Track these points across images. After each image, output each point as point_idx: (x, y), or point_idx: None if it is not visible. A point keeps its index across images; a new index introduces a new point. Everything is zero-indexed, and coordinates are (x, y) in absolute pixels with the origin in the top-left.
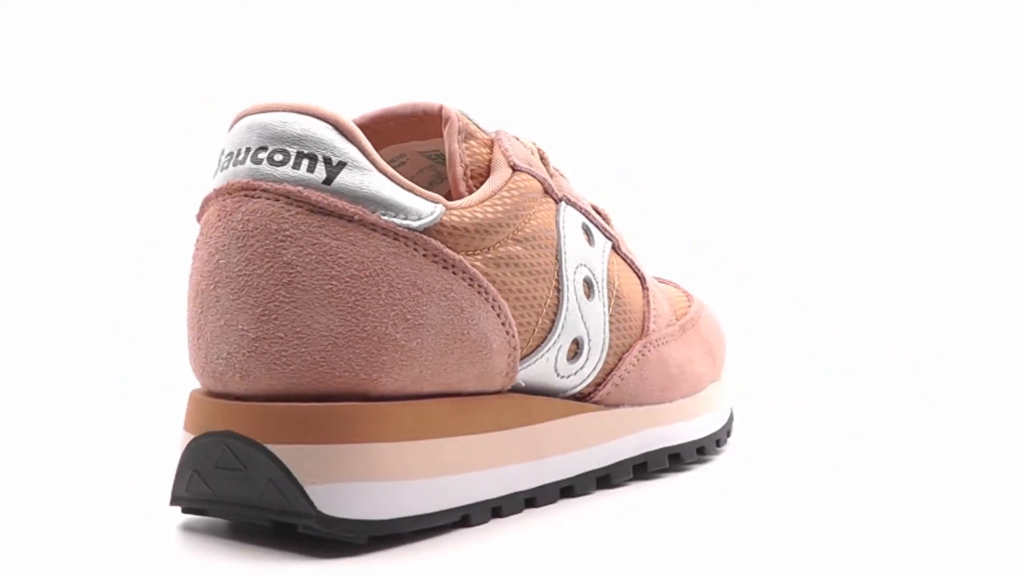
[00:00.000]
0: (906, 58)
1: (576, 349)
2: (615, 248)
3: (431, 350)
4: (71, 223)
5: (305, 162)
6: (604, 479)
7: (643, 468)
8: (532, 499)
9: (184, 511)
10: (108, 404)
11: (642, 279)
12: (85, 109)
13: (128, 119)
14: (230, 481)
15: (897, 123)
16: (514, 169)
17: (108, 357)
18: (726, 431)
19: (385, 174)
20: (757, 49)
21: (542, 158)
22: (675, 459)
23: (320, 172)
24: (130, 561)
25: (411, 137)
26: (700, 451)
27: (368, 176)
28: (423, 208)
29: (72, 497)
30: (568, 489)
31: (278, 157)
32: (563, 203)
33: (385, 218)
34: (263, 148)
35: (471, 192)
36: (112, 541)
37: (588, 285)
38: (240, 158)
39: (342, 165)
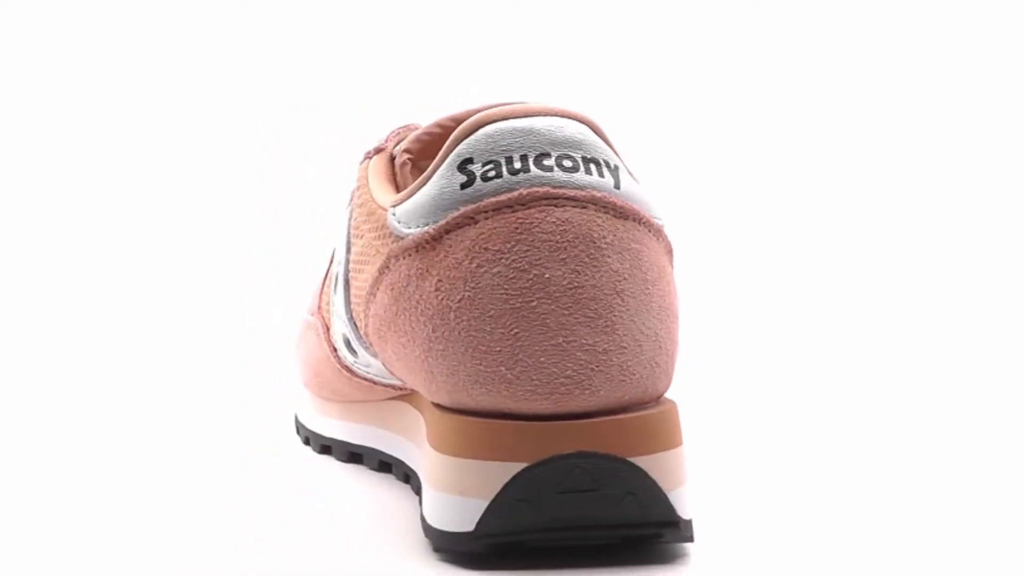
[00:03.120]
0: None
1: None
2: None
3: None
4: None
5: (593, 167)
6: None
7: None
8: None
9: (485, 548)
10: None
11: None
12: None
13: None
14: (575, 504)
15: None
16: None
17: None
18: None
19: (631, 175)
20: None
21: None
22: None
23: (608, 177)
24: None
25: None
26: None
27: (629, 178)
28: (656, 207)
29: None
30: None
31: (567, 163)
32: None
33: (655, 219)
34: (545, 155)
35: None
36: None
37: None
38: (517, 166)
39: (617, 168)
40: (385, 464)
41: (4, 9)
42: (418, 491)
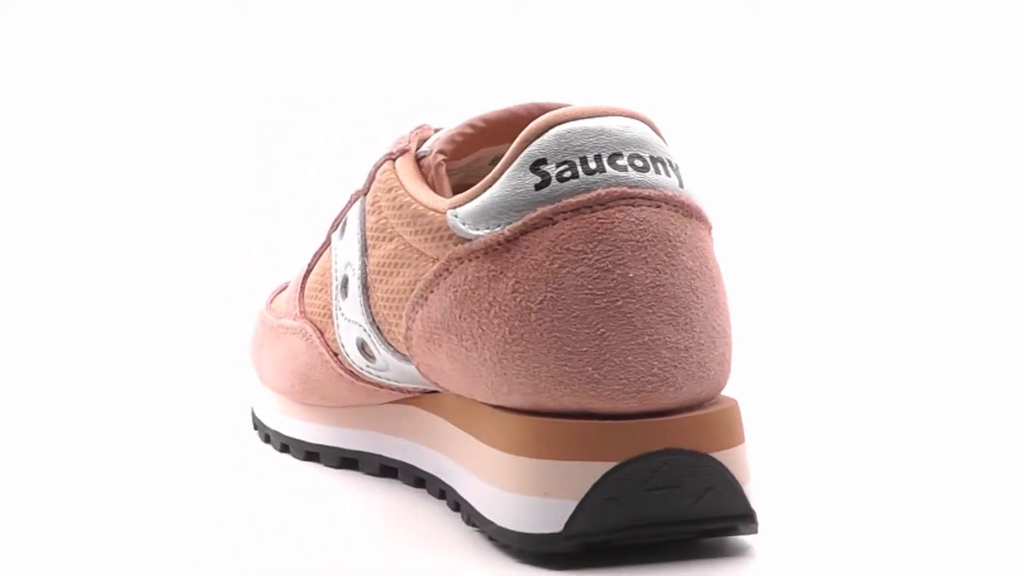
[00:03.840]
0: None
1: None
2: None
3: None
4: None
5: (660, 166)
6: None
7: None
8: None
9: (575, 548)
10: None
11: None
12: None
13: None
14: (661, 501)
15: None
16: None
17: None
18: None
19: None
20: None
21: None
22: None
23: (673, 176)
24: None
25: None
26: None
27: (687, 178)
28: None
29: None
30: None
31: (638, 163)
32: None
33: (709, 218)
34: (617, 155)
35: None
36: None
37: None
38: (592, 166)
39: (678, 168)
40: (388, 469)
41: (4, 9)
42: (442, 495)
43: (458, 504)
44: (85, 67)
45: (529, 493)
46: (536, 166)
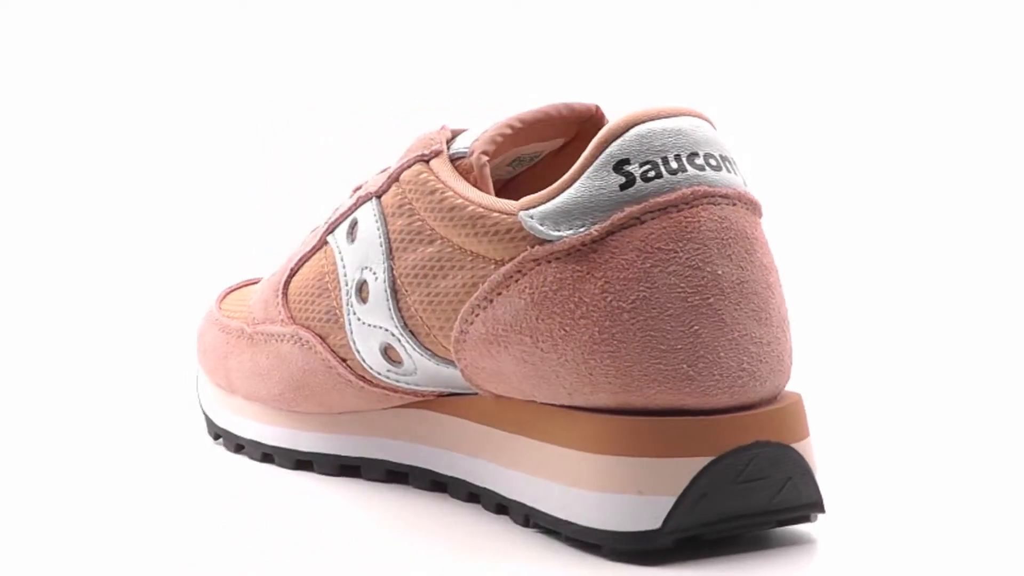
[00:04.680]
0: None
1: None
2: None
3: None
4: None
5: (728, 165)
6: None
7: None
8: None
9: (670, 544)
10: None
11: None
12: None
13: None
14: (749, 493)
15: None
16: None
17: None
18: None
19: None
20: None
21: None
22: None
23: (738, 175)
24: None
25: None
26: None
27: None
28: None
29: None
30: None
31: (712, 163)
32: None
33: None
34: (695, 154)
35: None
36: None
37: None
38: (674, 166)
39: (738, 167)
40: (395, 474)
41: (4, 9)
42: (471, 498)
43: (502, 507)
44: (85, 65)
45: (622, 491)
46: (619, 166)
